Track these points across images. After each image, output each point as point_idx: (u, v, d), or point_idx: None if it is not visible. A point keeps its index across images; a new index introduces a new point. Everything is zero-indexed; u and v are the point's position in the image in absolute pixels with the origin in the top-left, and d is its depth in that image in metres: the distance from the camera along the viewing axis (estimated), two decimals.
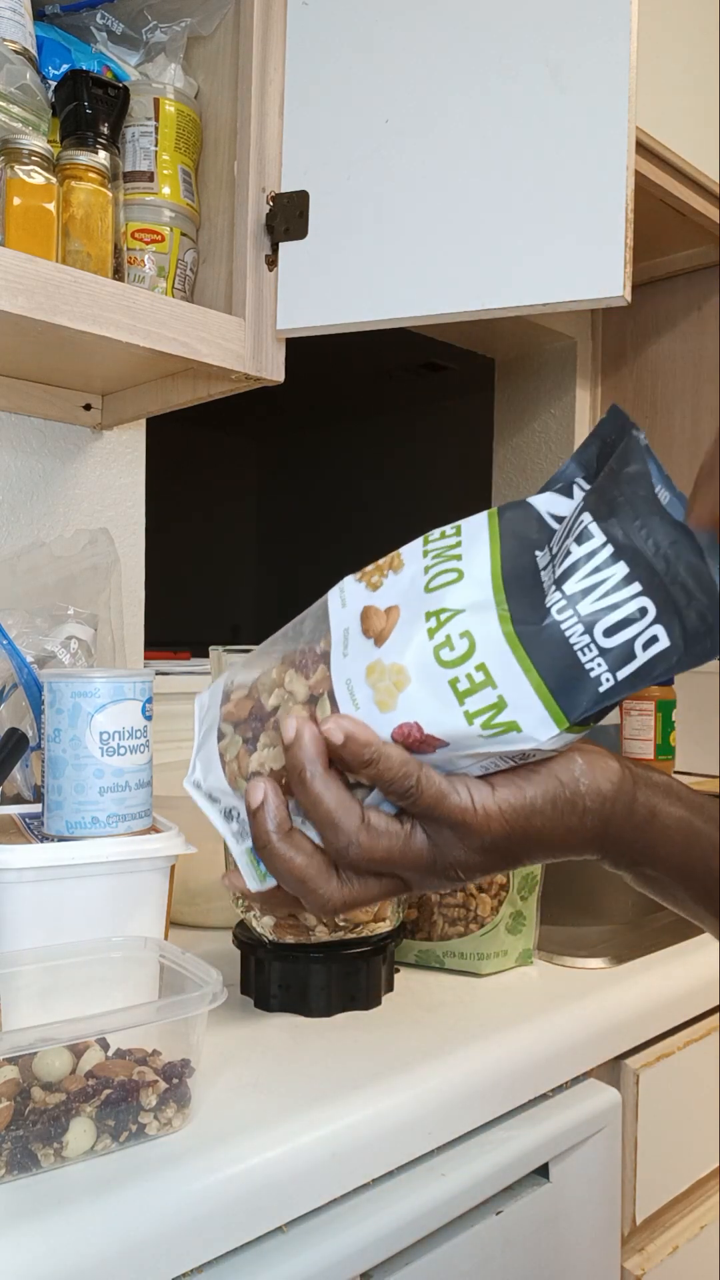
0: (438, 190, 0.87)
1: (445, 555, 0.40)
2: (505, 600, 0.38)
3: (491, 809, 0.41)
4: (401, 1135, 0.60)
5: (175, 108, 0.94)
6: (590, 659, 0.37)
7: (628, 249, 0.80)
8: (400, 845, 0.41)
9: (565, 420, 1.82)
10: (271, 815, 0.42)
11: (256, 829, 0.42)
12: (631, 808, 0.44)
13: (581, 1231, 0.73)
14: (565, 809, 0.42)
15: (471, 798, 0.41)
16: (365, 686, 0.40)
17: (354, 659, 0.41)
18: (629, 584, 0.37)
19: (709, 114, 1.41)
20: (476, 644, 0.38)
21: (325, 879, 0.42)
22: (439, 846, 0.42)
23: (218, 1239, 0.52)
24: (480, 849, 0.42)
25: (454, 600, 0.39)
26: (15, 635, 0.90)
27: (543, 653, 0.37)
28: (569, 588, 0.37)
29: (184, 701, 1.25)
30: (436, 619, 0.39)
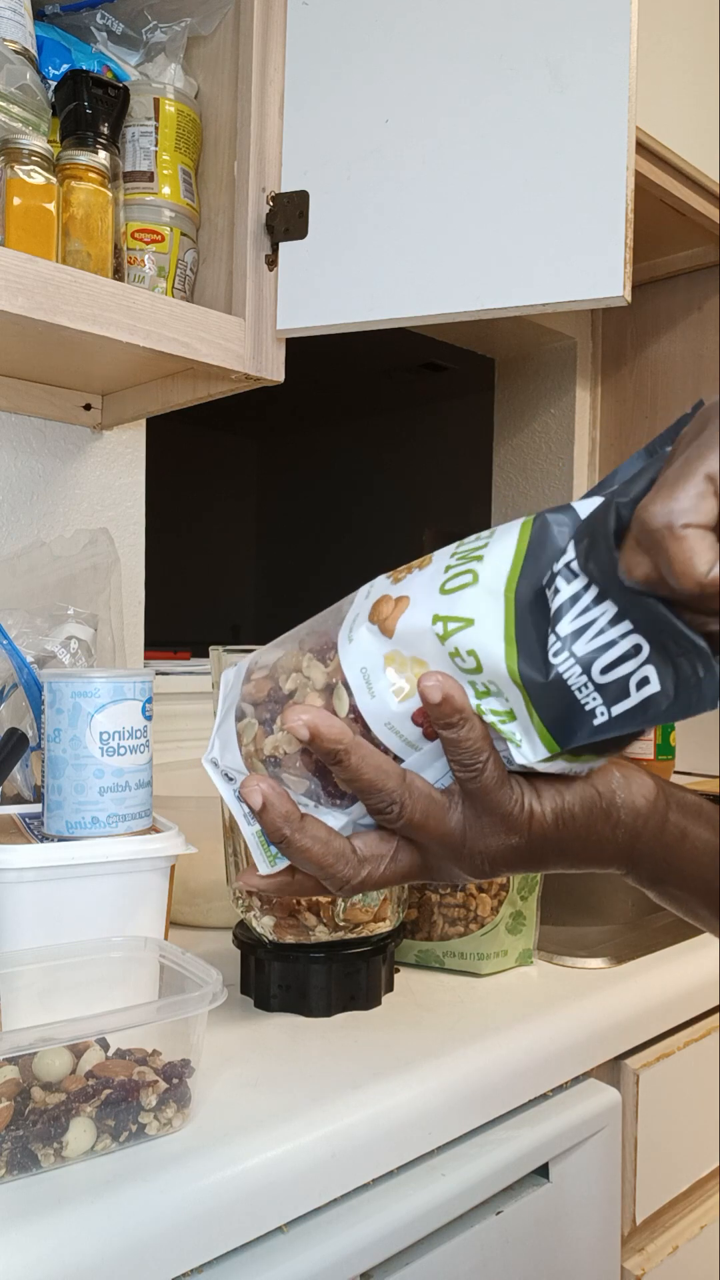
0: (438, 190, 0.87)
1: (468, 557, 0.40)
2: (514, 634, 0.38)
3: (535, 810, 0.42)
4: (401, 1135, 0.60)
5: (175, 108, 0.94)
6: (587, 695, 0.37)
7: (628, 249, 0.80)
8: (439, 812, 0.42)
9: (565, 420, 1.82)
10: (278, 812, 0.42)
11: (268, 827, 0.42)
12: (663, 826, 0.45)
13: (581, 1231, 0.73)
14: (599, 818, 0.43)
15: (521, 794, 0.41)
16: (383, 675, 0.40)
17: (361, 645, 0.41)
18: (619, 622, 0.36)
19: (709, 114, 1.41)
20: (484, 667, 0.38)
21: (342, 860, 0.42)
22: (474, 830, 0.42)
23: (218, 1239, 0.52)
24: (512, 846, 0.42)
25: (464, 609, 0.39)
26: (15, 635, 0.90)
27: (543, 695, 0.38)
28: (561, 629, 0.37)
29: (184, 701, 1.25)
30: (444, 625, 0.39)
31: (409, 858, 0.44)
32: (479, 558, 0.39)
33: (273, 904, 0.72)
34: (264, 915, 0.73)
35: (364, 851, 0.43)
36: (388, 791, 0.41)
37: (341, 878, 0.43)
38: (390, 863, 0.43)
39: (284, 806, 0.42)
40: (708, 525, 0.33)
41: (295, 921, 0.72)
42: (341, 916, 0.72)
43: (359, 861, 0.43)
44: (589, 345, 1.83)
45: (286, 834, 0.42)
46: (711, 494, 0.32)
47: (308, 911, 0.72)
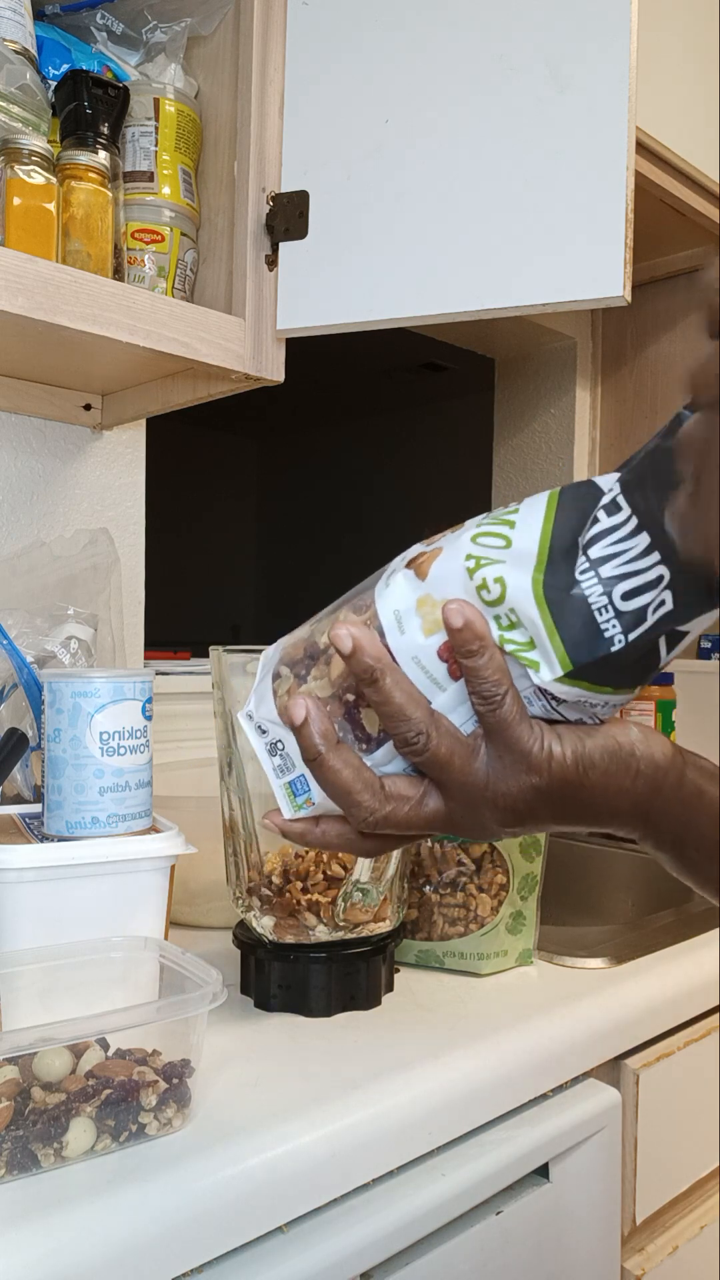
0: (438, 190, 0.87)
1: (499, 520, 0.43)
2: (545, 564, 0.41)
3: (556, 751, 0.43)
4: (401, 1135, 0.60)
5: (175, 108, 0.94)
6: (606, 620, 0.40)
7: (628, 249, 0.80)
8: (463, 751, 0.43)
9: (565, 420, 1.82)
10: (316, 727, 0.43)
11: (304, 743, 0.43)
12: (681, 783, 0.46)
13: (581, 1231, 0.73)
14: (620, 768, 0.44)
15: (541, 734, 0.43)
16: (415, 616, 0.43)
17: (395, 589, 0.44)
18: (649, 554, 0.39)
19: (709, 114, 1.41)
20: (508, 592, 0.41)
21: (370, 791, 0.44)
22: (496, 773, 0.43)
23: (218, 1239, 0.52)
24: (533, 789, 0.43)
25: (496, 553, 0.42)
26: (15, 635, 0.90)
27: (564, 612, 0.40)
28: (594, 553, 0.40)
29: (184, 701, 1.25)
30: (476, 561, 0.42)
31: (435, 804, 0.45)
32: (510, 522, 0.42)
33: (273, 904, 0.73)
34: (264, 915, 0.73)
35: (393, 790, 0.44)
36: (415, 720, 0.42)
37: (366, 808, 0.44)
38: (416, 805, 0.44)
39: (324, 724, 0.43)
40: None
41: (295, 921, 0.72)
42: (341, 916, 0.72)
43: (385, 797, 0.44)
44: (589, 345, 1.83)
45: (321, 751, 0.43)
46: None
47: (308, 911, 0.72)
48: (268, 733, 0.48)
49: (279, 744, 0.47)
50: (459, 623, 0.41)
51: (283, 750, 0.47)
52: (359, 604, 0.46)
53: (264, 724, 0.48)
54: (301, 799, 0.46)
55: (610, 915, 1.25)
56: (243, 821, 0.75)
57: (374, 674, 0.42)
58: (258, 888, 0.73)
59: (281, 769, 0.47)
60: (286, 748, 0.47)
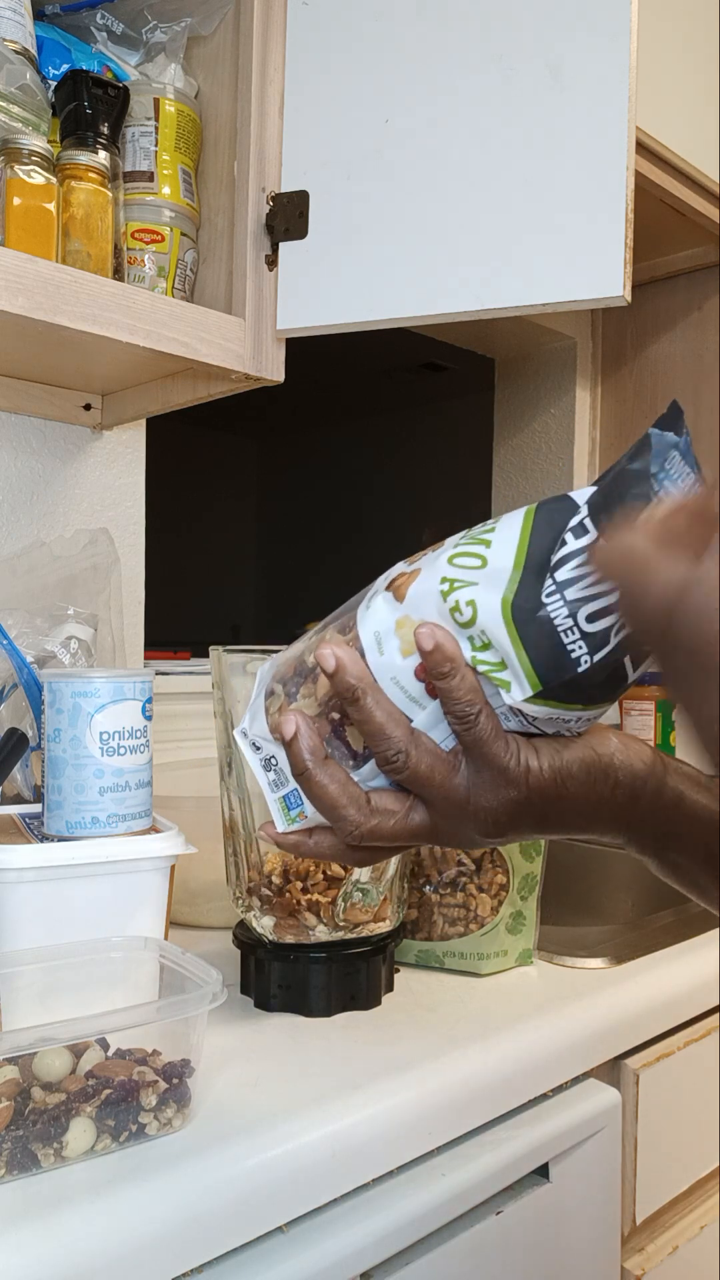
0: (437, 190, 0.87)
1: (475, 539, 0.43)
2: (516, 586, 0.41)
3: (532, 764, 0.43)
4: (401, 1135, 0.60)
5: (175, 108, 0.94)
6: (572, 640, 0.40)
7: (628, 249, 0.80)
8: (443, 768, 0.44)
9: (565, 420, 1.82)
10: (305, 743, 0.45)
11: (293, 758, 0.45)
12: (661, 790, 0.46)
13: (581, 1231, 0.73)
14: (598, 778, 0.45)
15: (517, 749, 0.43)
16: (394, 637, 0.44)
17: (375, 611, 0.45)
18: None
19: (709, 114, 1.41)
20: (479, 615, 0.42)
21: (355, 806, 0.45)
22: (476, 787, 0.44)
23: (218, 1239, 0.52)
24: (513, 802, 0.44)
25: (470, 574, 0.42)
26: (15, 635, 0.90)
27: (531, 634, 0.41)
28: (560, 575, 0.41)
29: (184, 701, 1.25)
30: (450, 584, 0.43)
31: (420, 817, 0.46)
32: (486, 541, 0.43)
33: (273, 904, 0.73)
34: (264, 915, 0.73)
35: (378, 804, 0.45)
36: (395, 739, 0.43)
37: (352, 822, 0.45)
38: (402, 819, 0.45)
39: (312, 741, 0.45)
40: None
41: (295, 921, 0.72)
42: (341, 916, 0.72)
43: (370, 811, 0.45)
44: (589, 345, 1.83)
45: (309, 766, 0.44)
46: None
47: (308, 911, 0.72)
48: (261, 749, 0.49)
49: (272, 759, 0.48)
50: (429, 645, 0.42)
51: (276, 765, 0.48)
52: (344, 624, 0.47)
53: (258, 740, 0.49)
54: (295, 812, 0.47)
55: (610, 915, 1.25)
56: (243, 821, 0.75)
57: (355, 693, 0.43)
58: (258, 888, 0.73)
59: (275, 784, 0.48)
60: (280, 763, 0.48)
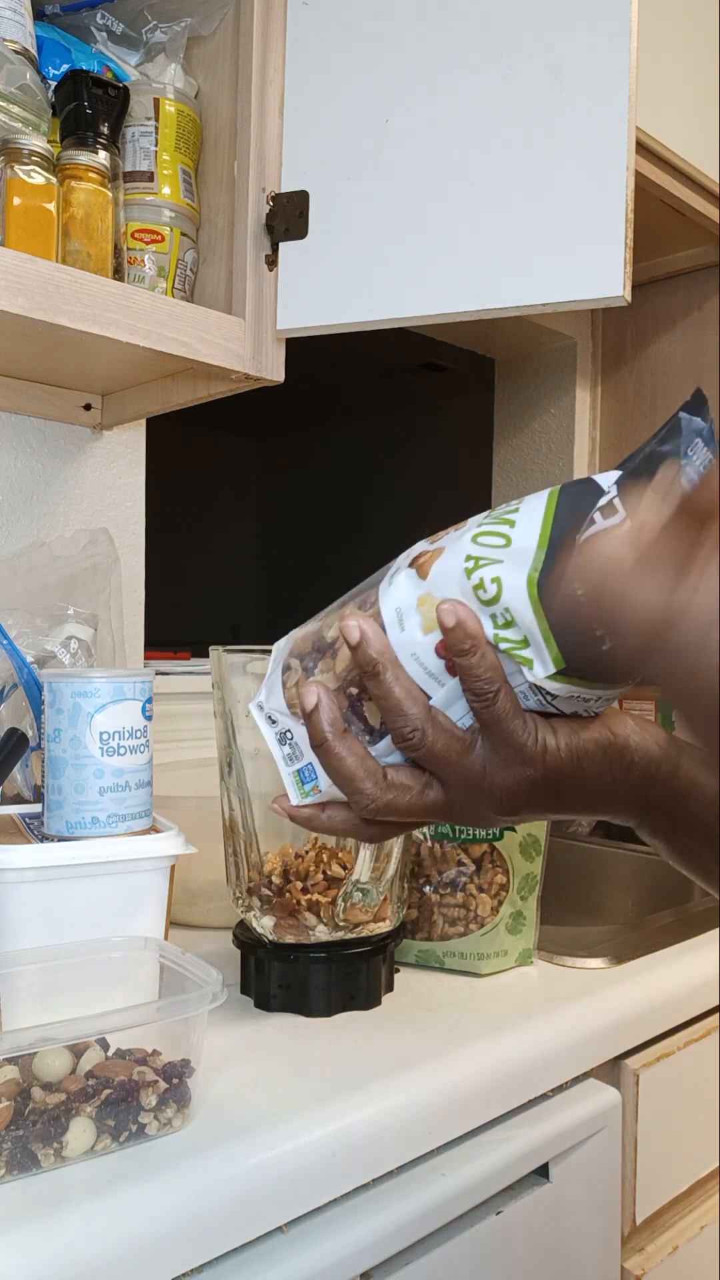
0: (437, 190, 0.87)
1: (499, 519, 0.43)
2: (541, 565, 0.41)
3: (550, 743, 0.44)
4: (401, 1135, 0.60)
5: (175, 108, 0.94)
6: None
7: (628, 249, 0.80)
8: (459, 747, 0.44)
9: (565, 420, 1.82)
10: (325, 715, 0.45)
11: (313, 729, 0.45)
12: (675, 774, 0.46)
13: (581, 1231, 0.73)
14: (614, 759, 0.45)
15: (535, 728, 0.44)
16: (415, 614, 0.44)
17: (398, 588, 0.45)
18: None
19: (709, 114, 1.41)
20: (504, 592, 0.42)
21: (372, 780, 0.45)
22: (492, 765, 0.44)
23: (218, 1239, 0.52)
24: (529, 780, 0.44)
25: (494, 553, 0.43)
26: (15, 635, 0.90)
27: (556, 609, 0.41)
28: None
29: (184, 701, 1.25)
30: (475, 561, 0.43)
31: (435, 794, 0.46)
32: (510, 521, 0.43)
33: (273, 904, 0.73)
34: (264, 915, 0.73)
35: (395, 779, 0.46)
36: (412, 716, 0.44)
37: (368, 795, 0.45)
38: (418, 795, 0.46)
39: (332, 713, 0.45)
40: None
41: (295, 921, 0.72)
42: (341, 916, 0.72)
43: (387, 786, 0.45)
44: (589, 345, 1.83)
45: (328, 737, 0.45)
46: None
47: (308, 911, 0.72)
48: (277, 723, 0.49)
49: (288, 733, 0.49)
50: (451, 622, 0.42)
51: (291, 739, 0.48)
52: (364, 600, 0.47)
53: (274, 714, 0.49)
54: (309, 786, 0.48)
55: (610, 915, 1.25)
56: (243, 821, 0.75)
57: (376, 667, 0.43)
58: (258, 888, 0.73)
59: (290, 757, 0.49)
60: (295, 737, 0.48)
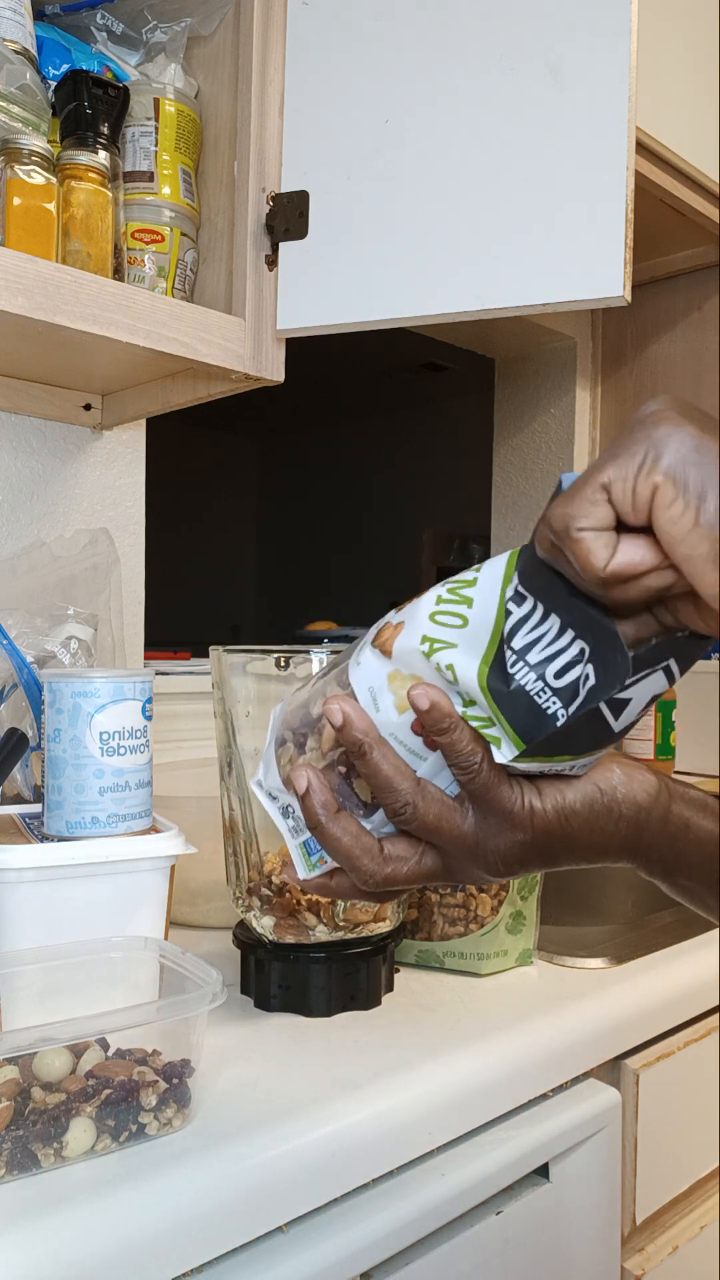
0: (438, 190, 0.87)
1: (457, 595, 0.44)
2: (494, 654, 0.42)
3: (536, 806, 0.44)
4: (401, 1135, 0.60)
5: (175, 108, 0.94)
6: (546, 700, 0.41)
7: (628, 249, 0.80)
8: (450, 816, 0.45)
9: (565, 420, 1.82)
10: (317, 798, 0.46)
11: (307, 812, 0.46)
12: (666, 819, 0.47)
13: (581, 1231, 0.73)
14: (601, 814, 0.45)
15: (521, 793, 0.44)
16: (387, 693, 0.45)
17: (366, 667, 0.46)
18: (565, 632, 0.41)
19: (709, 114, 1.41)
20: (459, 678, 0.43)
21: (369, 856, 0.46)
22: (484, 832, 0.45)
23: (218, 1239, 0.52)
24: (520, 844, 0.45)
25: (450, 634, 0.43)
26: (15, 635, 0.90)
27: (508, 702, 0.42)
28: (516, 643, 0.42)
29: (184, 701, 1.25)
30: (430, 644, 0.43)
31: (433, 861, 0.47)
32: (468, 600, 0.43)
33: (273, 904, 0.73)
34: (264, 915, 0.73)
35: (391, 852, 0.47)
36: (402, 791, 0.44)
37: (366, 871, 0.46)
38: (416, 864, 0.47)
39: (324, 795, 0.46)
40: (602, 527, 0.37)
41: (295, 921, 0.72)
42: (341, 916, 0.72)
43: (384, 859, 0.46)
44: (589, 345, 1.83)
45: (322, 820, 0.46)
46: (604, 501, 0.37)
47: (308, 911, 0.72)
48: (278, 799, 0.50)
49: (290, 808, 0.50)
50: (425, 705, 0.43)
51: (294, 813, 0.49)
52: (340, 676, 0.48)
53: (274, 791, 0.50)
54: (315, 858, 0.49)
55: (610, 915, 1.25)
56: (243, 821, 0.75)
57: (362, 747, 0.44)
58: (258, 888, 0.73)
59: (295, 830, 0.50)
60: (296, 811, 0.49)
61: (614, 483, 0.37)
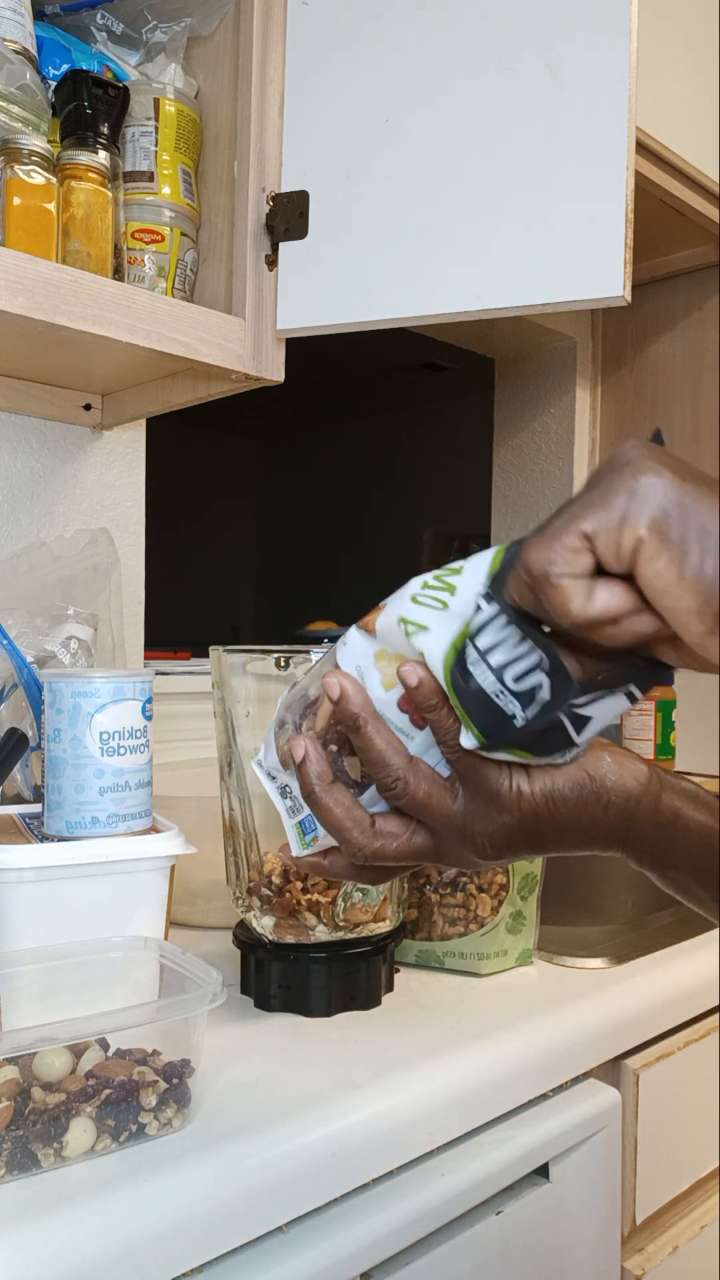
0: (438, 190, 0.87)
1: (443, 580, 0.44)
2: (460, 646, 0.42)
3: (524, 789, 0.44)
4: (401, 1135, 0.60)
5: (175, 108, 0.94)
6: (505, 701, 0.41)
7: (628, 249, 0.80)
8: (440, 795, 0.45)
9: (565, 420, 1.82)
10: (313, 768, 0.47)
11: (303, 780, 0.47)
12: (655, 808, 0.47)
13: (581, 1231, 0.73)
14: (590, 800, 0.45)
15: (510, 775, 0.44)
16: (374, 670, 0.46)
17: (352, 645, 0.47)
18: (525, 640, 0.41)
19: (709, 114, 1.41)
20: (429, 663, 0.43)
21: (359, 829, 0.47)
22: (472, 812, 0.45)
23: (218, 1239, 0.52)
24: (507, 827, 0.45)
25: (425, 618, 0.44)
26: (15, 635, 0.90)
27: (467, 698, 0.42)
28: (481, 641, 0.42)
29: (184, 701, 1.25)
30: (406, 626, 0.44)
31: (423, 840, 0.47)
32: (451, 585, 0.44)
33: (273, 904, 0.73)
34: (264, 915, 0.73)
35: (382, 827, 0.47)
36: (394, 767, 0.45)
37: (357, 844, 0.46)
38: (406, 841, 0.47)
39: (320, 765, 0.47)
40: (581, 575, 0.37)
41: (295, 921, 0.72)
42: (341, 916, 0.72)
43: (375, 834, 0.47)
44: (589, 345, 1.83)
45: (316, 790, 0.46)
46: (586, 550, 0.37)
47: (308, 911, 0.72)
48: (276, 778, 0.51)
49: (287, 788, 0.51)
50: (414, 681, 0.43)
51: (291, 793, 0.50)
52: (332, 660, 0.49)
53: (273, 770, 0.52)
54: (310, 837, 0.50)
55: (610, 915, 1.25)
56: (243, 821, 0.75)
57: (357, 721, 0.45)
58: (258, 888, 0.73)
59: (292, 810, 0.51)
60: (294, 790, 0.50)
61: (598, 534, 0.37)
